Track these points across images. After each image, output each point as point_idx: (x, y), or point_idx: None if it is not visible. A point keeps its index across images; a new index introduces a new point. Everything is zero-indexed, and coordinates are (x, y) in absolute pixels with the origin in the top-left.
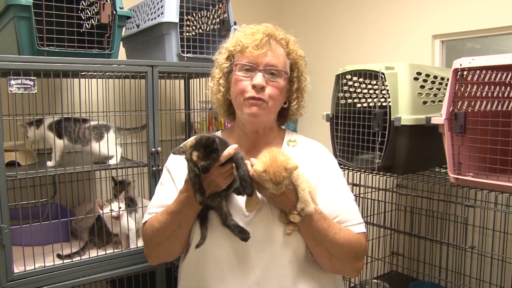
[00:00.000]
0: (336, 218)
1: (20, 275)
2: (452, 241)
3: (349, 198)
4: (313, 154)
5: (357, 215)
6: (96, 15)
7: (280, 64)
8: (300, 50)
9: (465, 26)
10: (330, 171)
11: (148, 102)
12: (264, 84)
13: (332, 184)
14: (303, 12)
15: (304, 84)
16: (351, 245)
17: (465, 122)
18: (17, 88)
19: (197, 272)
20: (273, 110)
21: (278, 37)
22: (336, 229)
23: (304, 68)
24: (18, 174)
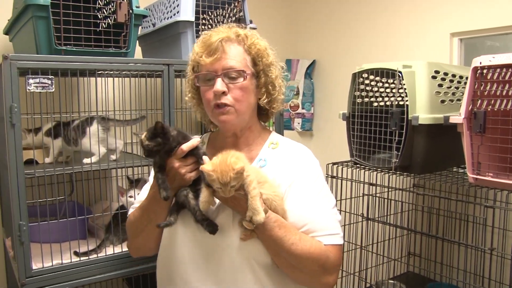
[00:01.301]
0: (303, 227)
1: (38, 271)
2: (471, 242)
3: (322, 207)
4: (291, 158)
5: (330, 225)
6: (112, 14)
7: (238, 63)
8: (262, 41)
9: (484, 23)
10: (305, 176)
11: (164, 100)
12: (224, 89)
13: (304, 191)
14: (319, 9)
15: (273, 75)
16: (312, 257)
17: (485, 121)
18: (35, 87)
19: (166, 270)
20: (243, 112)
21: (233, 36)
22: (294, 239)
23: (271, 59)
24: (36, 172)
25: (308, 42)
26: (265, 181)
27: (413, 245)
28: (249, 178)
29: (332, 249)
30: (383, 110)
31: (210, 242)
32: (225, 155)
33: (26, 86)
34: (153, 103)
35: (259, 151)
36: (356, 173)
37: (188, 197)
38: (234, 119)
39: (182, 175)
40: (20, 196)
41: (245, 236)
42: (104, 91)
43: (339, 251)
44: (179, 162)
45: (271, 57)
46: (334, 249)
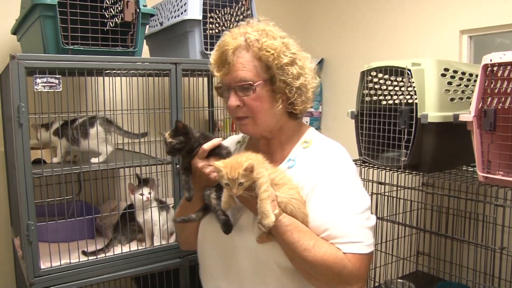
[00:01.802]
0: (324, 233)
1: (47, 271)
2: (481, 241)
3: (346, 212)
4: (319, 158)
5: (352, 232)
6: (119, 13)
7: (247, 74)
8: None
9: (494, 20)
10: (330, 178)
11: (172, 99)
12: (237, 103)
13: (327, 194)
14: (327, 7)
15: (289, 78)
16: (326, 265)
17: (495, 119)
18: (42, 87)
19: (201, 264)
20: (263, 120)
21: (242, 42)
22: (308, 245)
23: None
24: (44, 172)
25: (316, 41)
26: (285, 183)
27: (422, 244)
28: (261, 180)
29: (352, 258)
30: (391, 108)
31: (231, 242)
32: (240, 155)
33: (34, 85)
34: (161, 102)
35: (291, 151)
36: (364, 172)
37: (210, 197)
38: (254, 128)
39: (207, 175)
40: (28, 195)
41: (260, 239)
42: (112, 91)
43: (360, 261)
44: (203, 162)
45: (288, 56)
46: (354, 258)
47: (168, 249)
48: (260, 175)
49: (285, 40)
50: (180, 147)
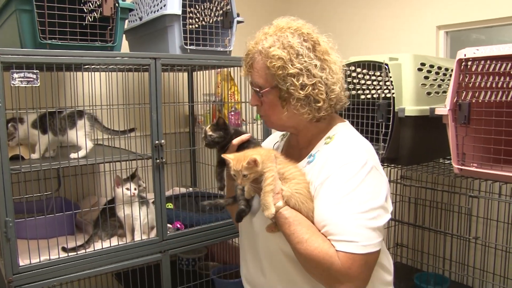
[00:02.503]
0: (323, 228)
1: (26, 268)
2: (456, 232)
3: (347, 210)
4: (333, 154)
5: (349, 231)
6: (98, 7)
7: (259, 79)
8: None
9: (469, 16)
10: (338, 175)
11: (151, 94)
12: (257, 102)
13: (331, 191)
14: (307, 3)
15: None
16: (315, 260)
17: (469, 113)
18: (19, 82)
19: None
20: (276, 121)
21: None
22: (302, 238)
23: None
24: (22, 168)
25: None
26: (293, 178)
27: (400, 236)
28: (267, 174)
29: (343, 257)
30: (370, 102)
31: (252, 229)
32: (251, 150)
33: (11, 80)
34: (141, 97)
35: (314, 147)
36: None
37: (237, 188)
38: (271, 126)
39: None
40: (6, 192)
41: (269, 228)
42: (91, 86)
43: (351, 260)
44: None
45: (293, 67)
46: (345, 257)
47: (148, 244)
48: (267, 169)
49: (298, 47)
50: (219, 141)
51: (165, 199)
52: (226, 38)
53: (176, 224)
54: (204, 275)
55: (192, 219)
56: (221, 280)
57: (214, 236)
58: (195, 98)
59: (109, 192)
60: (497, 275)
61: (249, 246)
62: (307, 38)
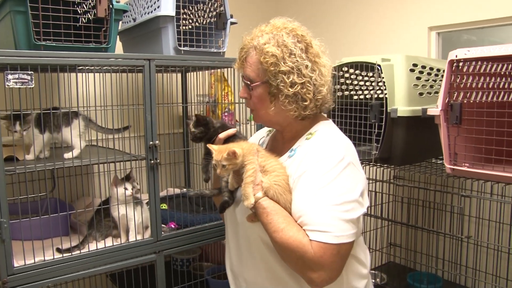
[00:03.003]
0: (299, 219)
1: (20, 269)
2: (449, 231)
3: (322, 201)
4: (313, 148)
5: (323, 222)
6: (92, 9)
7: (251, 73)
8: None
9: (461, 17)
10: (315, 168)
11: (145, 95)
12: (245, 95)
13: (308, 183)
14: (300, 4)
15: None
16: (289, 248)
17: (461, 113)
18: (14, 83)
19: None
20: (262, 116)
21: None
22: (277, 228)
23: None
24: (16, 169)
25: None
26: (274, 170)
27: (394, 236)
28: (248, 166)
29: (316, 246)
30: (362, 103)
31: (235, 219)
32: (233, 144)
33: (5, 82)
34: (135, 98)
35: (296, 142)
36: None
37: (222, 180)
38: (258, 120)
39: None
40: (0, 193)
41: (249, 217)
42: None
43: (323, 249)
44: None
45: (285, 65)
46: (318, 246)
47: (143, 244)
48: (248, 161)
49: (292, 47)
50: (201, 136)
51: (159, 199)
52: (220, 39)
53: (170, 224)
54: (198, 276)
55: (186, 220)
56: (215, 281)
57: (209, 236)
58: (188, 99)
59: (103, 193)
60: (489, 274)
61: (232, 236)
62: (301, 40)
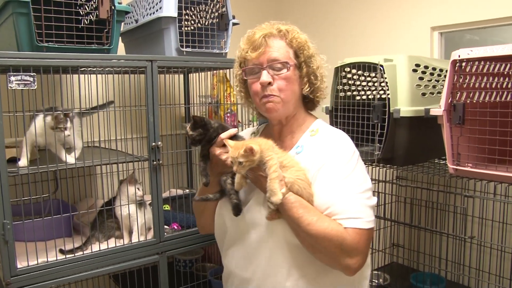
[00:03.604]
0: (327, 210)
1: (24, 270)
2: (452, 231)
3: (347, 191)
4: (324, 144)
5: (353, 209)
6: (94, 10)
7: (281, 56)
8: (302, 35)
9: (463, 17)
10: (334, 161)
11: (148, 97)
12: (270, 80)
13: (330, 175)
14: (302, 5)
15: (314, 66)
16: (327, 238)
17: (464, 113)
18: (17, 85)
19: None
20: (288, 101)
21: (275, 31)
22: (311, 220)
23: (312, 51)
24: (19, 170)
25: None
26: (292, 166)
27: (397, 236)
28: (270, 162)
29: (351, 232)
30: (365, 103)
31: (245, 221)
32: (250, 140)
33: (8, 83)
34: (137, 99)
35: (299, 138)
36: None
37: (226, 182)
38: (280, 107)
39: (223, 161)
40: (4, 194)
41: (270, 216)
42: (88, 88)
43: (359, 235)
44: (220, 149)
45: (312, 49)
46: (354, 232)
47: (146, 245)
48: (269, 157)
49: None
50: (200, 138)
51: (162, 200)
52: (222, 40)
53: (173, 225)
54: (201, 277)
55: (189, 221)
56: (218, 282)
57: (211, 237)
58: (191, 100)
59: (106, 194)
60: (493, 274)
61: (237, 238)
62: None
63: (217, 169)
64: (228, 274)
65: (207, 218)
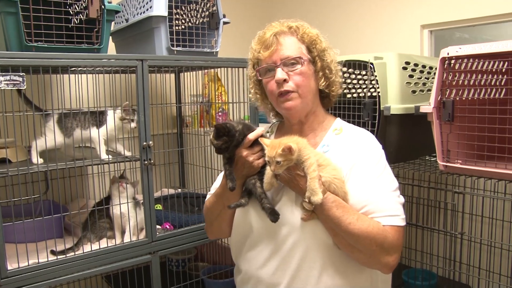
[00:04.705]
0: (363, 209)
1: (14, 271)
2: (443, 228)
3: (382, 189)
4: (353, 142)
5: (389, 207)
6: (84, 9)
7: (294, 52)
8: (314, 30)
9: (453, 15)
10: (366, 160)
11: (138, 96)
12: (285, 76)
13: (364, 174)
14: (292, 4)
15: (328, 59)
16: (370, 237)
17: (453, 110)
18: (5, 85)
19: (239, 249)
20: (306, 96)
21: (285, 29)
22: (352, 219)
23: (324, 45)
24: (9, 171)
25: None
26: (327, 164)
27: None
28: (309, 161)
29: (391, 230)
30: (356, 101)
31: (275, 223)
32: (287, 138)
33: None
34: (128, 99)
35: (324, 137)
36: None
37: (255, 186)
38: (298, 104)
39: (250, 162)
40: None
41: (306, 217)
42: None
43: (398, 232)
44: (247, 150)
45: (324, 43)
46: (393, 230)
47: (138, 245)
48: (308, 156)
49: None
50: (227, 146)
51: (153, 200)
52: (213, 39)
53: (165, 225)
54: (194, 276)
55: (181, 220)
56: (211, 281)
57: (204, 236)
58: (182, 99)
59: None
60: (483, 270)
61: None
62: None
63: (241, 172)
64: (248, 278)
65: (221, 223)
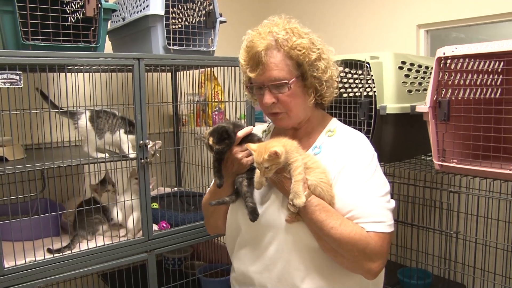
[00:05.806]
0: (349, 213)
1: (11, 269)
2: (438, 227)
3: (369, 194)
4: (344, 145)
5: (375, 213)
6: (81, 8)
7: (280, 73)
8: (304, 39)
9: (449, 15)
10: (355, 163)
11: (135, 95)
12: (273, 100)
13: (352, 178)
14: (289, 3)
15: (319, 71)
16: (351, 242)
17: (449, 110)
18: (2, 83)
19: (231, 246)
20: (296, 114)
21: (273, 42)
22: (335, 223)
23: (315, 56)
24: (6, 169)
25: None
26: (316, 167)
27: None
28: (295, 164)
29: (375, 236)
30: (352, 100)
31: (261, 223)
32: (274, 140)
33: None
34: (125, 97)
35: (316, 139)
36: None
37: (242, 184)
38: (289, 122)
39: (239, 159)
40: None
41: (290, 218)
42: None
43: (382, 239)
44: (236, 148)
45: (315, 52)
46: (377, 236)
47: (134, 243)
48: (294, 159)
49: (310, 36)
50: (228, 149)
51: (150, 198)
52: (209, 38)
53: (161, 223)
54: (190, 274)
55: (177, 219)
56: (207, 279)
57: (200, 235)
58: (179, 98)
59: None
60: (478, 269)
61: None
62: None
63: (231, 169)
64: (240, 276)
65: (217, 220)
